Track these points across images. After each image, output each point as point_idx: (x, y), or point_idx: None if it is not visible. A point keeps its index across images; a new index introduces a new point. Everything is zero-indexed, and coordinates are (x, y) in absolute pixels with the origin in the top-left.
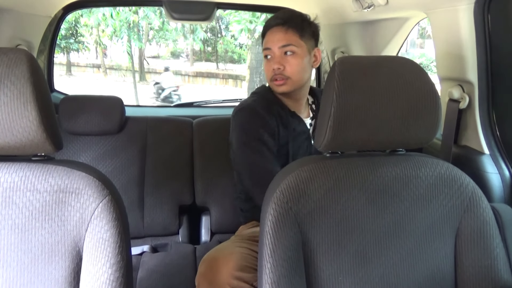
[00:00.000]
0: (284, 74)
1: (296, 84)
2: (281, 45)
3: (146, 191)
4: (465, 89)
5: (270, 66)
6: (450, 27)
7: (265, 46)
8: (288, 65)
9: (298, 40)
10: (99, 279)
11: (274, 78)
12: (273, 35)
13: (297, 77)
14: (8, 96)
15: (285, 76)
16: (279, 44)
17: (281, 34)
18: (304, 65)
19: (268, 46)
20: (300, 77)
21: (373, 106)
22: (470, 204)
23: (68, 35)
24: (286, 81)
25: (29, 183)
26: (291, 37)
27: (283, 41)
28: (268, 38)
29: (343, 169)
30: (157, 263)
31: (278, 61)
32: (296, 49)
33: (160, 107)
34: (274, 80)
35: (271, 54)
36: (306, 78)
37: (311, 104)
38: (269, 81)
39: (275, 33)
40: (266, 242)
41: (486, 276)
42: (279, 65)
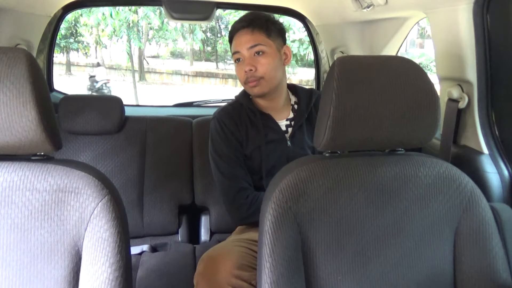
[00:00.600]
0: (256, 75)
1: (270, 83)
2: (250, 45)
3: (146, 190)
4: (464, 89)
5: (241, 69)
6: (450, 27)
7: (233, 50)
8: (259, 65)
9: (265, 39)
10: (99, 279)
11: (247, 80)
12: (240, 37)
13: (270, 76)
14: (7, 95)
15: (257, 76)
16: (247, 45)
17: (248, 35)
18: (275, 63)
19: (236, 50)
20: (273, 76)
21: (372, 105)
22: (469, 204)
23: (67, 34)
24: (259, 82)
25: (29, 183)
26: (258, 37)
27: (251, 42)
28: (236, 41)
29: (343, 169)
30: (156, 262)
31: (248, 63)
32: (265, 48)
33: (160, 107)
34: (248, 82)
35: (241, 57)
36: (279, 76)
37: (293, 104)
38: (243, 85)
39: (242, 36)
40: (266, 241)
41: (485, 276)
42: (250, 66)
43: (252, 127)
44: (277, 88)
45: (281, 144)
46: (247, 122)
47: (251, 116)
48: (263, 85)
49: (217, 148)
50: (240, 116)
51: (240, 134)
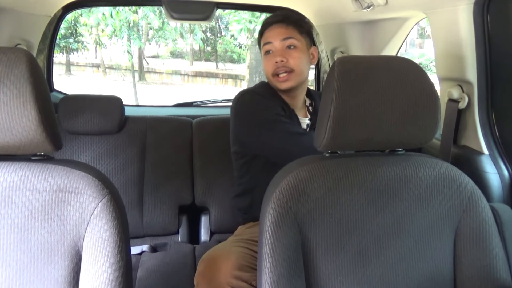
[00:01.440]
0: (287, 65)
1: (298, 78)
2: (283, 37)
3: (146, 190)
4: (464, 89)
5: (271, 60)
6: (450, 27)
7: (265, 41)
8: (290, 58)
9: (298, 35)
10: (99, 279)
11: (276, 72)
12: (273, 30)
13: (300, 70)
14: (7, 95)
15: (288, 68)
16: (280, 37)
17: (282, 29)
18: (305, 59)
19: (269, 40)
20: (302, 71)
21: (372, 106)
22: (469, 204)
23: (67, 34)
24: (290, 75)
25: (29, 183)
26: (292, 31)
27: (285, 34)
28: (268, 33)
29: (343, 169)
30: (156, 262)
31: (280, 54)
32: (297, 43)
33: (160, 107)
34: (276, 75)
35: (272, 49)
36: (306, 73)
37: (308, 106)
38: (270, 77)
39: (276, 28)
40: (266, 241)
41: (485, 276)
42: (282, 57)
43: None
44: (302, 85)
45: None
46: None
47: (284, 107)
48: (293, 79)
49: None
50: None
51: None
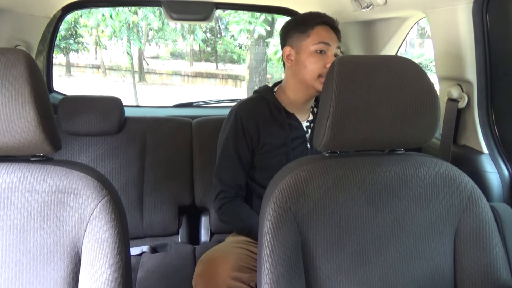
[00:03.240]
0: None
1: None
2: (338, 45)
3: (146, 191)
4: (464, 89)
5: (322, 61)
6: (449, 26)
7: (322, 39)
8: None
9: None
10: (98, 280)
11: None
12: (331, 32)
13: None
14: (6, 96)
15: None
16: (336, 44)
17: (335, 35)
18: None
19: (327, 41)
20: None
21: (372, 105)
22: (469, 204)
23: (67, 35)
24: None
25: (28, 184)
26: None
27: (338, 43)
28: (327, 34)
29: (342, 169)
30: (156, 263)
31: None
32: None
33: (160, 108)
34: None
35: (327, 51)
36: None
37: (313, 107)
38: (313, 77)
39: (332, 33)
40: (265, 242)
41: (485, 275)
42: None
43: (275, 124)
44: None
45: (302, 144)
46: (269, 118)
47: (275, 112)
48: None
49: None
50: (261, 112)
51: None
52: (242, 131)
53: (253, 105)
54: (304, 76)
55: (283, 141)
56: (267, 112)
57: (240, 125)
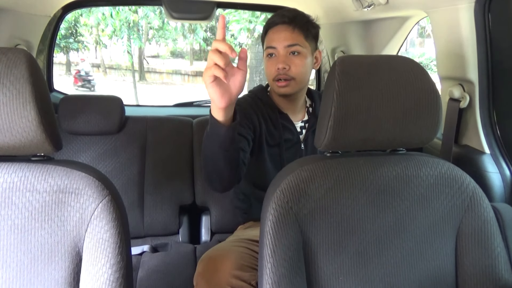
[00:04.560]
0: (288, 74)
1: (298, 85)
2: (288, 44)
3: (146, 191)
4: (465, 88)
5: (273, 65)
6: (451, 26)
7: (269, 44)
8: (293, 65)
9: (303, 41)
10: (99, 280)
11: (278, 78)
12: (278, 33)
13: (301, 78)
14: (7, 96)
15: (289, 76)
16: (285, 43)
17: (288, 33)
18: (307, 66)
19: (272, 45)
20: (303, 78)
21: (373, 105)
22: (471, 204)
23: (67, 34)
24: (290, 82)
25: (29, 184)
26: (297, 37)
27: (290, 40)
28: (273, 36)
29: (344, 169)
30: (157, 263)
31: (283, 61)
32: (301, 49)
33: (160, 107)
34: (277, 80)
35: (275, 53)
36: (307, 80)
37: (308, 106)
38: (270, 81)
39: (281, 32)
40: (267, 242)
41: (487, 276)
42: (284, 64)
43: (270, 124)
44: (301, 91)
45: (294, 146)
46: (266, 117)
47: (270, 112)
48: (292, 86)
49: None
50: (259, 108)
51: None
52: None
53: (250, 100)
54: (267, 78)
55: (276, 141)
56: (262, 110)
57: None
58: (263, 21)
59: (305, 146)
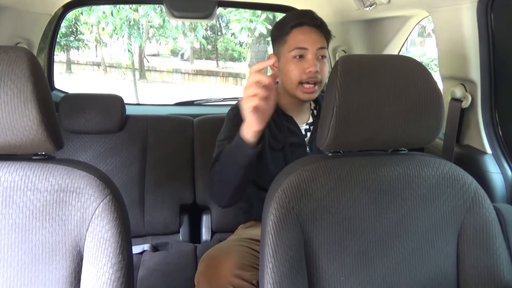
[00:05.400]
0: (318, 77)
1: (320, 89)
2: (320, 46)
3: (147, 190)
4: (467, 88)
5: (302, 67)
6: (453, 25)
7: (298, 44)
8: (321, 69)
9: (327, 45)
10: (100, 279)
11: (306, 81)
12: (310, 34)
13: (325, 82)
14: (8, 94)
15: (318, 79)
16: (317, 45)
17: (318, 35)
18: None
19: (303, 45)
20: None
21: (375, 105)
22: (473, 204)
23: (68, 33)
24: (316, 86)
25: (30, 183)
26: (324, 41)
27: (320, 43)
28: (304, 36)
29: (345, 169)
30: (157, 262)
31: (314, 64)
32: (327, 54)
33: (161, 106)
34: (304, 83)
35: (305, 54)
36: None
37: (313, 109)
38: (295, 86)
39: (311, 33)
40: (268, 241)
41: (488, 276)
42: (316, 67)
43: (274, 127)
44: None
45: (300, 148)
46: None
47: (274, 115)
48: (317, 91)
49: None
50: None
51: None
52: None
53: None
54: (285, 84)
55: (281, 145)
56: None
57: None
58: (264, 20)
59: (310, 148)
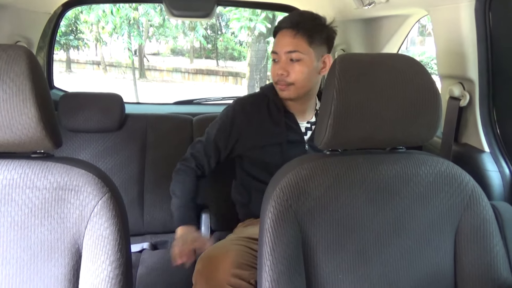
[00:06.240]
0: (286, 80)
1: (299, 90)
2: (288, 50)
3: (146, 188)
4: (465, 87)
5: (275, 70)
6: (451, 24)
7: (273, 48)
8: (292, 71)
9: (306, 47)
10: (99, 276)
11: (277, 83)
12: (281, 38)
13: (301, 84)
14: (7, 93)
15: (287, 82)
16: (285, 49)
17: (289, 38)
18: (309, 72)
19: (275, 50)
20: (304, 84)
21: (373, 103)
22: (470, 202)
23: (67, 31)
24: (289, 87)
25: (28, 180)
26: (299, 43)
27: (290, 47)
28: (277, 40)
29: (343, 167)
30: (156, 260)
31: (282, 67)
32: (303, 56)
33: (160, 105)
34: (278, 84)
35: (277, 58)
36: (310, 85)
37: (318, 109)
38: (274, 84)
39: (284, 37)
40: (266, 240)
41: (485, 274)
42: (283, 71)
43: (272, 122)
44: (306, 95)
45: (299, 146)
46: (267, 116)
47: (274, 111)
48: (291, 91)
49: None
50: (259, 109)
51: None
52: (231, 124)
53: (251, 102)
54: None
55: (278, 140)
56: (264, 109)
57: (231, 119)
58: (264, 19)
59: (310, 146)
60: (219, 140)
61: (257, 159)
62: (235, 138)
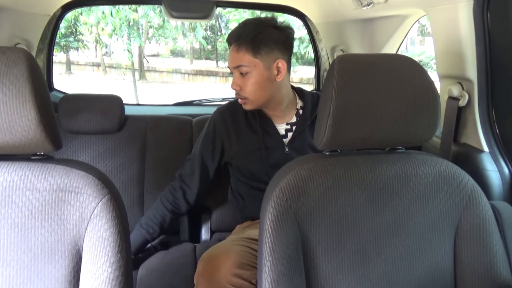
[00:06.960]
0: (241, 94)
1: (256, 102)
2: (234, 66)
3: (146, 189)
4: (464, 87)
5: (231, 85)
6: (450, 24)
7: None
8: (244, 86)
9: (251, 59)
10: (99, 278)
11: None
12: (229, 53)
13: (255, 97)
14: (7, 95)
15: (242, 96)
16: (232, 65)
17: (233, 53)
18: (262, 83)
19: (229, 66)
20: (259, 96)
21: (372, 104)
22: (470, 202)
23: (67, 33)
24: (246, 101)
25: (29, 182)
26: (243, 57)
27: (235, 62)
28: (229, 57)
29: (343, 168)
30: (157, 261)
31: (235, 82)
32: (249, 69)
33: (160, 106)
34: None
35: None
36: (267, 95)
37: (298, 108)
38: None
39: (230, 52)
40: (266, 240)
41: (485, 273)
42: (235, 85)
43: (249, 129)
44: (269, 102)
45: (278, 150)
46: (243, 123)
47: (251, 117)
48: (249, 104)
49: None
50: (236, 117)
51: (228, 137)
52: (213, 136)
53: (229, 111)
54: None
55: (255, 147)
56: (242, 117)
57: (212, 130)
58: None
59: (291, 148)
60: (205, 154)
61: (242, 166)
62: (219, 148)
